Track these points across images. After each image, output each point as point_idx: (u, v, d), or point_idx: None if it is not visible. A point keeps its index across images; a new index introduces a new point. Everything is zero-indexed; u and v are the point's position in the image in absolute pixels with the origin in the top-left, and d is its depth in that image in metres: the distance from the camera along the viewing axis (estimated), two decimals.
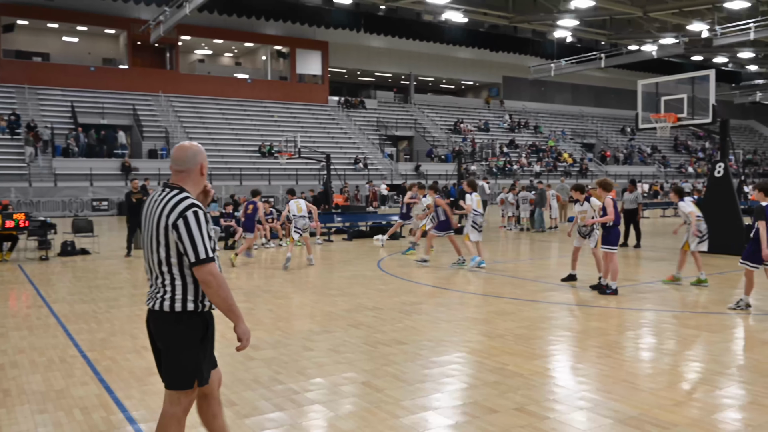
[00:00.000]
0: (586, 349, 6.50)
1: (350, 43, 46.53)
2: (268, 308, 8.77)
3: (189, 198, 3.23)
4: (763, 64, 45.30)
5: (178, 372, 3.28)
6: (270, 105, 43.40)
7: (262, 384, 5.46)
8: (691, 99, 14.70)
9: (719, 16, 29.31)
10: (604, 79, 56.53)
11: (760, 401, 4.90)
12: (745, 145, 60.86)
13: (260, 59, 47.18)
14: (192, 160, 3.34)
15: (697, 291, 9.89)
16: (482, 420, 4.59)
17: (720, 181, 14.27)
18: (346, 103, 47.03)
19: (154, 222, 3.23)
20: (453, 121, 49.59)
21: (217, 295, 3.20)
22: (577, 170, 46.91)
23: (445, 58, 50.57)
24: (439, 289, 10.24)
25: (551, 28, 34.29)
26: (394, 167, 41.41)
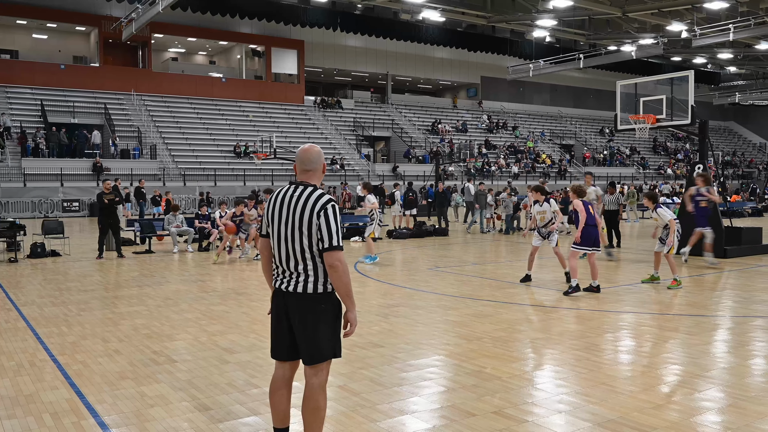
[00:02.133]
0: (564, 352, 6.48)
1: (326, 42, 46.35)
2: (243, 311, 8.64)
3: (326, 194, 3.71)
4: (742, 65, 46.06)
5: (321, 345, 3.72)
6: (245, 104, 43.05)
7: (237, 388, 5.36)
8: (670, 100, 14.79)
9: (698, 17, 29.72)
10: (583, 79, 57.06)
11: (739, 404, 4.91)
12: (724, 146, 61.89)
13: (235, 58, 46.78)
14: (317, 160, 3.83)
15: (673, 293, 9.96)
16: (460, 424, 4.53)
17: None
18: (323, 103, 46.83)
19: (297, 214, 3.66)
20: (431, 121, 49.65)
21: (341, 280, 3.63)
22: (555, 171, 47.24)
23: (423, 57, 50.63)
24: (417, 292, 10.18)
25: (529, 28, 34.49)
26: (371, 168, 41.33)
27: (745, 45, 36.35)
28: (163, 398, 5.12)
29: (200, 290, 10.36)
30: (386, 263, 13.78)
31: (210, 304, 9.16)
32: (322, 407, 3.79)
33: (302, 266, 3.67)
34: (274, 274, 3.86)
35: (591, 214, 9.66)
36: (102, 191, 14.97)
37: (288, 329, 3.78)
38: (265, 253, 3.96)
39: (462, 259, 13.73)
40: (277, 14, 38.22)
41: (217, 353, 6.46)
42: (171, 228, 16.30)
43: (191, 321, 8.01)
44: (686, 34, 30.58)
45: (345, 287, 3.64)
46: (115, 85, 39.09)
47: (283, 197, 3.76)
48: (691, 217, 13.16)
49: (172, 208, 17.10)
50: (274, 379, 3.95)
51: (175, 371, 5.85)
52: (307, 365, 3.77)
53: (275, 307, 3.84)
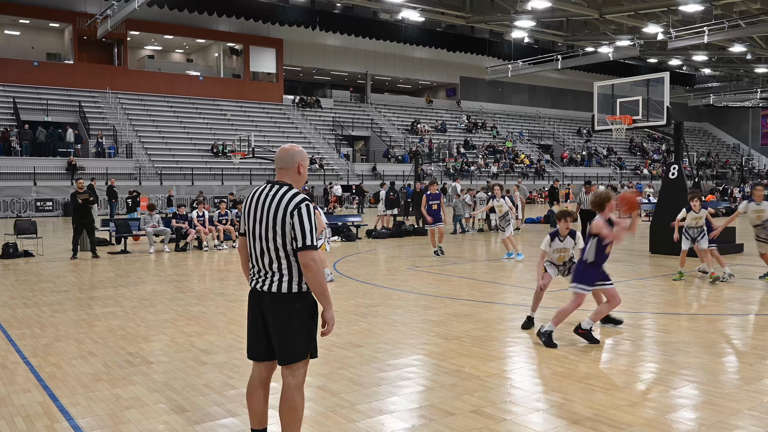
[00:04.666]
0: (542, 351, 6.51)
1: (305, 41, 46.17)
2: (220, 311, 8.57)
3: (300, 193, 3.71)
4: (717, 67, 46.70)
5: (297, 345, 3.71)
6: (223, 103, 42.73)
7: (214, 389, 5.31)
8: (646, 101, 14.93)
9: (674, 19, 30.07)
10: (561, 80, 57.52)
11: (713, 401, 4.98)
12: (699, 147, 62.76)
13: (212, 56, 46.40)
14: (291, 159, 3.81)
15: (653, 292, 10.07)
16: (439, 423, 4.54)
17: (674, 183, 14.55)
18: (302, 102, 46.65)
19: (271, 213, 3.66)
20: (410, 121, 49.72)
21: (315, 280, 3.61)
22: (534, 171, 47.57)
23: (402, 57, 50.66)
24: (396, 291, 10.18)
25: (508, 28, 34.66)
26: (351, 168, 41.27)
27: (719, 47, 36.88)
28: (138, 400, 5.06)
29: (177, 291, 10.26)
30: (366, 263, 13.76)
31: (187, 304, 9.06)
32: (299, 408, 3.78)
33: (277, 265, 3.67)
34: (251, 273, 3.85)
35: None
36: (76, 190, 14.76)
37: (264, 329, 3.77)
38: (243, 251, 3.96)
39: (441, 258, 13.76)
40: (255, 12, 37.99)
41: (194, 354, 6.40)
42: (147, 228, 16.12)
43: (168, 322, 7.92)
44: (662, 36, 30.95)
45: (320, 287, 3.63)
46: (90, 83, 38.53)
47: (259, 196, 3.77)
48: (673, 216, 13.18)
49: (149, 208, 16.93)
50: (251, 380, 3.93)
51: (151, 373, 5.78)
52: (282, 365, 3.76)
53: (251, 306, 3.83)
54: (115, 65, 41.41)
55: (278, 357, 3.76)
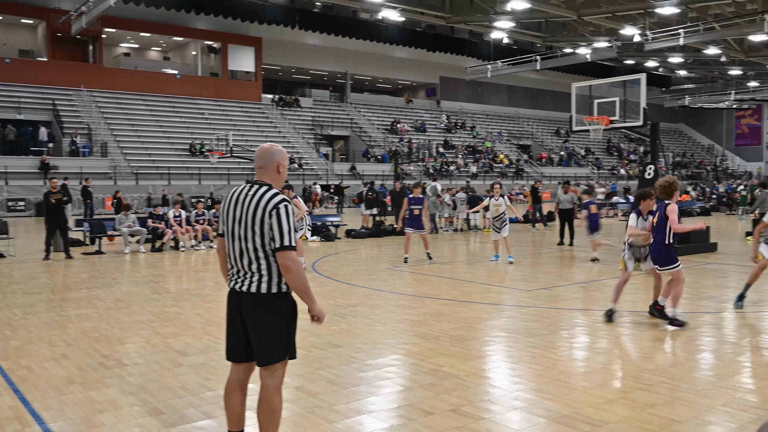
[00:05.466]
0: (520, 349, 6.54)
1: (285, 40, 45.92)
2: (197, 312, 8.48)
3: (279, 193, 3.69)
4: (692, 69, 47.32)
5: (276, 346, 3.69)
6: (200, 102, 42.36)
7: (191, 391, 5.25)
8: (623, 102, 15.07)
9: (650, 22, 30.40)
10: (540, 81, 57.87)
11: (687, 397, 5.03)
12: (674, 147, 63.56)
13: (190, 54, 45.95)
14: (269, 158, 3.79)
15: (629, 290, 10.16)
16: (417, 422, 4.53)
17: (650, 183, 14.69)
18: (281, 101, 46.43)
19: (250, 213, 3.63)
20: (390, 121, 49.71)
21: (296, 279, 3.61)
22: (513, 171, 47.83)
23: (382, 57, 50.61)
24: (375, 291, 10.16)
25: (488, 29, 34.78)
26: (330, 167, 41.16)
27: (694, 50, 37.37)
28: (112, 403, 4.98)
29: (153, 292, 10.13)
30: (345, 263, 13.72)
31: (163, 305, 8.96)
32: (277, 409, 3.76)
33: (256, 265, 3.64)
34: (229, 273, 3.82)
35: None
36: (49, 190, 14.53)
37: (243, 330, 3.74)
38: (221, 252, 3.93)
39: (420, 258, 13.77)
40: (234, 11, 37.68)
41: (170, 356, 6.32)
42: (122, 228, 15.92)
43: (143, 323, 7.82)
44: (639, 38, 31.26)
45: (301, 286, 3.62)
46: (64, 81, 37.92)
47: (238, 196, 3.74)
48: None
49: (124, 208, 16.71)
50: (229, 382, 3.90)
51: (125, 375, 5.70)
52: (261, 367, 3.74)
53: (230, 307, 3.80)
54: (90, 63, 40.80)
55: (257, 358, 3.74)
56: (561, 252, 15.50)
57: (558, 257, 14.58)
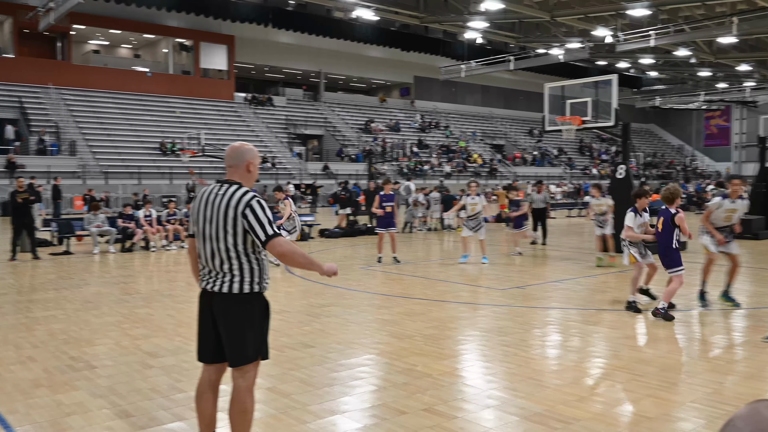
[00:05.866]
0: (494, 348, 6.57)
1: (258, 38, 45.59)
2: (168, 313, 8.37)
3: (249, 190, 3.68)
4: (663, 70, 48.06)
5: (248, 347, 3.65)
6: (172, 100, 41.84)
7: (161, 393, 5.17)
8: (595, 102, 15.20)
9: (622, 23, 30.79)
10: (513, 81, 58.22)
11: (657, 394, 5.10)
12: (645, 147, 64.44)
13: (161, 52, 45.36)
14: (239, 157, 3.76)
15: (601, 289, 10.28)
16: (391, 422, 4.52)
17: (621, 183, 14.86)
18: (254, 100, 46.09)
19: (221, 213, 3.60)
20: (363, 120, 49.65)
21: (294, 260, 3.61)
22: (486, 171, 48.09)
23: (356, 56, 50.51)
24: (349, 291, 10.13)
25: (462, 29, 34.92)
26: (303, 167, 40.98)
27: (665, 51, 37.97)
28: (81, 406, 4.89)
29: (123, 292, 9.98)
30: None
31: (133, 306, 8.82)
32: (249, 410, 3.73)
33: (228, 266, 3.61)
34: (200, 274, 3.79)
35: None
36: (15, 189, 14.22)
37: (214, 331, 3.71)
38: (192, 253, 3.89)
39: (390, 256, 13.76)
40: (206, 8, 37.30)
41: (140, 358, 6.23)
42: (91, 228, 15.66)
43: (112, 325, 7.69)
44: (611, 40, 31.66)
45: (302, 263, 3.63)
46: (32, 78, 37.16)
47: (209, 196, 3.71)
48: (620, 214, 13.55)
49: (92, 207, 16.43)
50: (200, 383, 3.86)
51: (94, 377, 5.60)
52: (233, 367, 3.71)
53: (201, 308, 3.78)
54: (59, 60, 40.06)
55: (229, 359, 3.71)
56: (534, 251, 15.63)
57: (531, 256, 14.70)
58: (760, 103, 54.47)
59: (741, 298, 8.71)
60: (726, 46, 36.67)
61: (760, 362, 5.98)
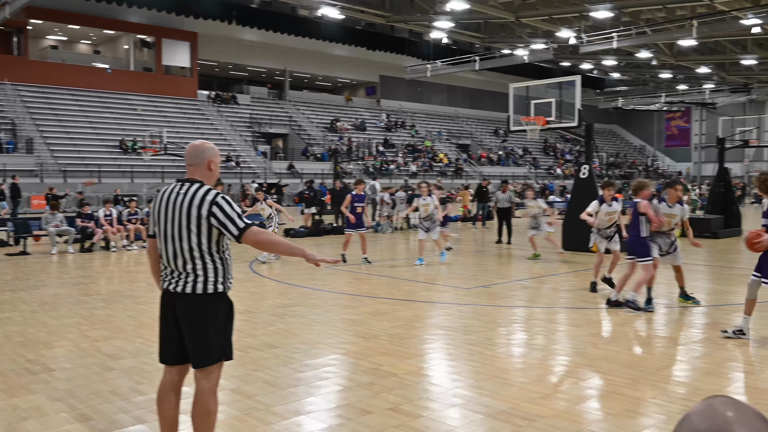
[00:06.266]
0: (459, 347, 6.60)
1: (221, 35, 45.04)
2: (129, 315, 8.20)
3: (212, 189, 3.61)
4: (625, 72, 48.97)
5: (212, 348, 3.60)
6: (133, 97, 41.06)
7: (121, 396, 5.07)
8: (559, 103, 15.38)
9: (585, 25, 31.25)
10: (479, 81, 58.62)
11: (620, 390, 5.17)
12: (608, 148, 65.53)
13: (122, 48, 44.48)
14: (200, 155, 3.72)
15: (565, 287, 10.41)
16: (356, 422, 4.50)
17: (585, 182, 15.06)
18: (217, 98, 45.52)
19: (184, 212, 3.53)
20: (329, 119, 49.45)
21: (275, 248, 3.66)
22: (452, 170, 48.34)
23: (322, 54, 50.27)
24: (314, 291, 10.07)
25: (427, 29, 35.04)
26: (268, 166, 40.64)
27: (627, 53, 38.69)
28: (38, 410, 4.75)
29: (82, 293, 9.74)
30: (283, 262, 13.56)
31: (93, 308, 8.63)
32: (212, 411, 3.68)
33: (191, 266, 3.56)
34: (162, 274, 3.72)
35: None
36: None
37: (177, 332, 3.66)
38: (152, 254, 3.82)
39: (359, 257, 13.73)
40: (168, 4, 36.69)
41: (100, 360, 6.09)
42: (49, 228, 15.26)
43: (71, 326, 7.51)
44: (574, 41, 32.13)
45: (283, 249, 3.63)
46: None
47: (170, 195, 3.65)
48: None
49: (51, 207, 16.02)
50: (162, 385, 3.79)
51: (52, 381, 5.45)
52: (196, 369, 3.65)
53: (163, 309, 3.72)
54: (15, 55, 38.95)
55: (192, 360, 3.66)
56: (499, 250, 15.76)
57: (496, 255, 14.82)
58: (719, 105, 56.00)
59: (700, 296, 8.91)
60: (686, 48, 37.57)
61: (718, 358, 6.12)
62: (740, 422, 1.10)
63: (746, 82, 48.86)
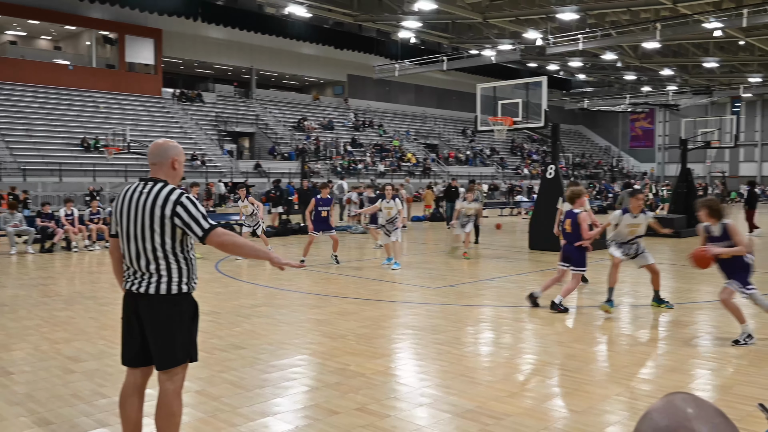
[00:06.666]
0: (427, 346, 6.60)
1: (186, 33, 44.42)
2: (90, 316, 8.02)
3: (176, 188, 3.56)
4: (590, 73, 49.72)
5: (177, 349, 3.56)
6: (95, 95, 40.25)
7: (83, 399, 4.96)
8: (526, 104, 15.49)
9: (552, 26, 31.64)
10: (447, 81, 58.89)
11: (584, 388, 5.24)
12: (574, 148, 66.46)
13: (84, 44, 43.53)
14: (164, 153, 3.66)
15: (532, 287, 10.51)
16: (323, 422, 4.47)
17: (551, 182, 15.23)
18: (182, 96, 44.88)
19: (147, 212, 3.48)
20: (297, 118, 49.16)
21: (239, 250, 3.59)
22: (420, 170, 48.46)
23: (289, 53, 49.92)
24: (281, 291, 9.99)
25: (395, 28, 35.10)
26: (235, 165, 40.23)
27: (593, 54, 39.32)
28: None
29: (42, 295, 9.50)
30: (249, 263, 13.42)
31: (53, 309, 8.42)
32: (177, 413, 3.63)
33: (154, 266, 3.51)
34: (124, 275, 3.65)
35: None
36: None
37: (140, 333, 3.61)
38: (115, 254, 3.76)
39: (326, 257, 13.67)
40: (131, 0, 36.03)
41: (61, 362, 5.94)
42: (8, 228, 14.86)
43: (30, 329, 7.31)
44: (541, 42, 32.51)
45: (247, 252, 3.57)
46: None
47: (132, 194, 3.60)
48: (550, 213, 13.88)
49: (10, 206, 15.60)
50: (125, 387, 3.73)
51: (11, 384, 5.31)
52: (160, 370, 3.61)
53: (126, 310, 3.65)
54: None
55: (156, 362, 3.60)
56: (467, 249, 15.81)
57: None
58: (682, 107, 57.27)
59: (665, 294, 9.06)
60: (650, 51, 38.34)
61: (680, 356, 6.24)
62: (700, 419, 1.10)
63: (708, 84, 50.07)
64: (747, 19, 24.93)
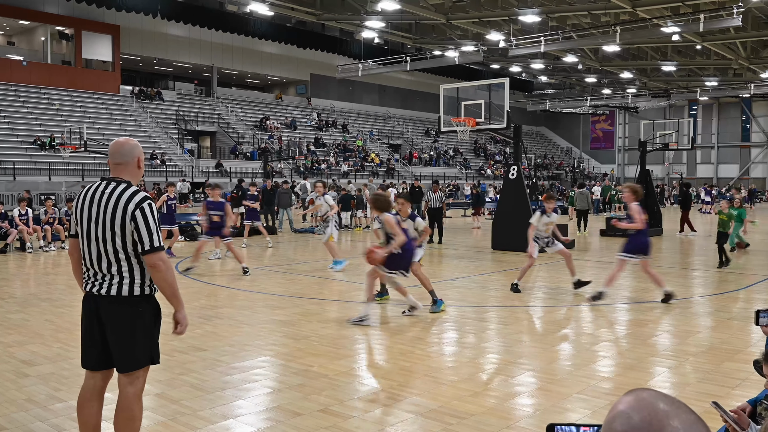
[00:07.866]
0: (390, 346, 6.60)
1: (146, 29, 43.58)
2: (46, 318, 7.80)
3: (141, 191, 3.49)
4: (552, 75, 50.42)
5: (138, 351, 3.50)
6: (50, 92, 39.17)
7: (38, 403, 4.82)
8: (489, 105, 15.62)
9: (514, 28, 31.98)
10: (410, 81, 59.01)
11: (547, 387, 5.30)
12: (536, 149, 67.25)
13: (39, 40, 42.32)
14: (129, 153, 3.58)
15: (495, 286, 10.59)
16: (286, 424, 4.43)
17: (513, 183, 15.39)
18: (141, 94, 44.03)
19: (109, 212, 3.41)
20: (259, 117, 48.68)
21: (165, 281, 3.46)
22: (384, 170, 48.48)
23: (251, 51, 49.40)
24: (243, 292, 9.87)
25: (359, 28, 35.03)
26: (195, 164, 39.64)
27: (554, 57, 39.90)
28: None
29: None
30: (210, 263, 13.24)
31: (6, 311, 8.16)
32: (137, 417, 3.57)
33: (116, 267, 3.45)
34: (84, 276, 3.57)
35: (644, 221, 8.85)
36: None
37: (100, 335, 3.52)
38: (74, 255, 3.67)
39: (290, 257, 13.57)
40: None
41: (14, 366, 5.76)
42: None
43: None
44: (503, 44, 32.82)
45: (170, 287, 3.49)
46: None
47: (93, 194, 3.51)
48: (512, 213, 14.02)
49: None
50: (84, 391, 3.64)
51: None
52: (121, 373, 3.54)
53: (86, 312, 3.56)
54: None
55: (117, 364, 3.54)
56: (430, 250, 15.89)
57: (427, 255, 14.91)
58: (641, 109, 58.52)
59: (625, 293, 9.23)
60: (610, 54, 39.09)
61: (639, 354, 6.36)
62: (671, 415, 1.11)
63: (666, 87, 51.29)
64: (704, 24, 25.57)
